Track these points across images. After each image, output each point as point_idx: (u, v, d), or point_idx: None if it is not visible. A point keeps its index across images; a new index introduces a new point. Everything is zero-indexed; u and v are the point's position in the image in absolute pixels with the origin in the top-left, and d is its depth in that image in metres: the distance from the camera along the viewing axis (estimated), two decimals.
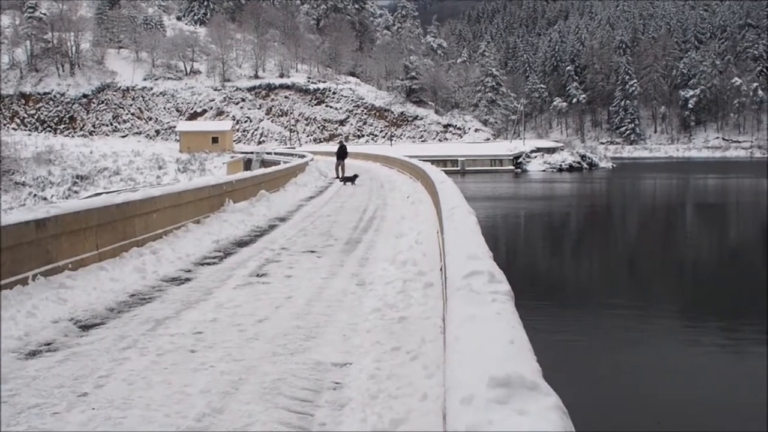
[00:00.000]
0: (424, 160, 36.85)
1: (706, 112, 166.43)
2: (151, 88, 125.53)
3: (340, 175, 34.55)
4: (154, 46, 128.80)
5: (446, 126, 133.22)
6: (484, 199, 52.80)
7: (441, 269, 8.83)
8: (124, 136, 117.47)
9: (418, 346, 6.84)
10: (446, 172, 22.86)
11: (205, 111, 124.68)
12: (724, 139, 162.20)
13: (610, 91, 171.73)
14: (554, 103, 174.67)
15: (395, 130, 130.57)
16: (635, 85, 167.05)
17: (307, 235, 15.59)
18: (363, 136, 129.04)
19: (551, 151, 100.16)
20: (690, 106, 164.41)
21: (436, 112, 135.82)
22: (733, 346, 16.64)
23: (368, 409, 5.53)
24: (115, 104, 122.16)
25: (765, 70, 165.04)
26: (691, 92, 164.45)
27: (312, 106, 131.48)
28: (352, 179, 32.11)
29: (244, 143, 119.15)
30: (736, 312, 20.18)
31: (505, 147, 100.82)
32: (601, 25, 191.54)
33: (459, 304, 4.54)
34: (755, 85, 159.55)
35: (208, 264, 12.05)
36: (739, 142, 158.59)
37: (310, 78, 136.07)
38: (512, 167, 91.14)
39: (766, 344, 16.72)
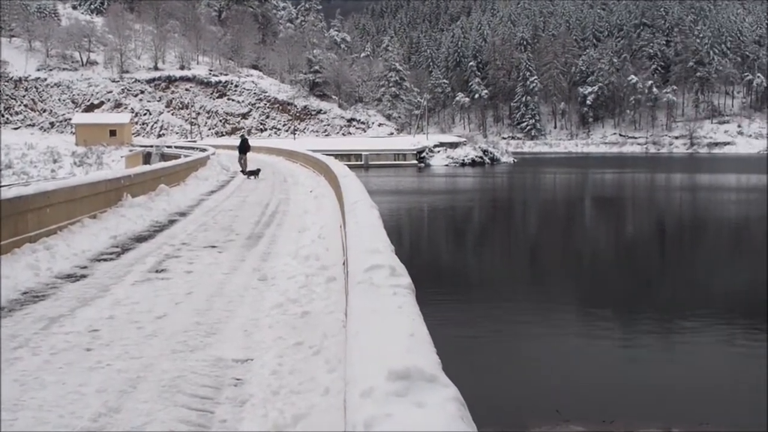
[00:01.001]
0: (327, 155, 36.78)
1: (603, 108, 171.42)
2: (45, 79, 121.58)
3: (243, 169, 34.38)
4: (48, 36, 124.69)
5: (350, 120, 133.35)
6: (387, 193, 53.08)
7: (343, 263, 8.82)
8: (16, 129, 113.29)
9: (321, 341, 6.81)
10: (350, 166, 22.84)
11: (102, 103, 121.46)
12: (620, 135, 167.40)
13: (512, 87, 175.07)
14: (457, 98, 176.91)
15: (298, 124, 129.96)
16: (536, 81, 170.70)
17: (208, 230, 15.34)
18: (266, 129, 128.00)
19: (454, 146, 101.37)
20: (588, 102, 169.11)
21: (340, 106, 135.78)
22: (628, 335, 17.18)
23: (270, 405, 5.48)
24: (7, 95, 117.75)
25: (659, 68, 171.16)
26: (590, 89, 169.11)
27: (214, 99, 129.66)
28: (255, 173, 31.87)
29: (144, 136, 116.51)
30: (631, 303, 20.85)
31: (409, 142, 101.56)
32: (502, 21, 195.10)
33: (360, 298, 4.54)
34: (650, 82, 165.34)
35: (105, 260, 11.72)
36: (635, 138, 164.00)
37: (211, 70, 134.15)
38: (415, 162, 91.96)
39: (658, 333, 17.33)
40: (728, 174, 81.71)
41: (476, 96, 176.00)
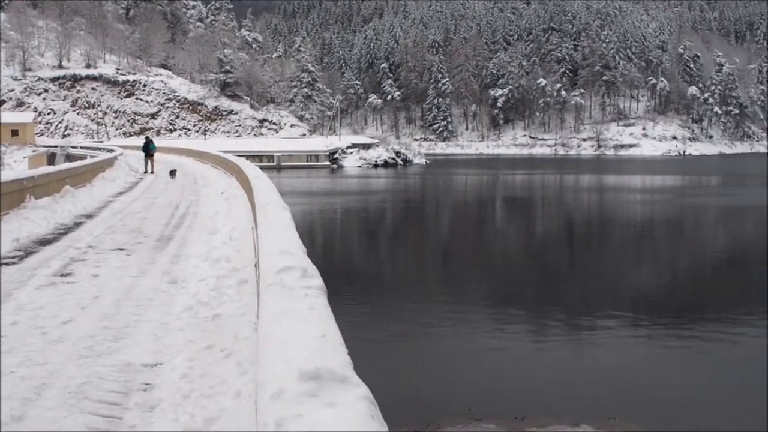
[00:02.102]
0: (239, 156, 36.50)
1: (514, 110, 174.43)
2: None
3: (148, 170, 34.48)
4: None
5: (262, 121, 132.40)
6: (300, 194, 52.91)
7: (255, 265, 8.77)
8: None
9: (232, 343, 6.76)
10: (262, 167, 22.71)
11: (3, 102, 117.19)
12: (530, 137, 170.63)
13: (424, 89, 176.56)
14: (369, 99, 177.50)
15: (209, 124, 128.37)
16: (447, 83, 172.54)
17: (115, 232, 14.99)
18: (176, 130, 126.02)
19: (367, 147, 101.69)
20: (499, 105, 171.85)
21: (252, 106, 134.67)
22: (539, 333, 17.52)
23: (180, 409, 5.40)
24: None
25: (568, 71, 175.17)
26: (500, 91, 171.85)
27: (121, 99, 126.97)
28: (172, 173, 32.06)
29: (48, 136, 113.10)
30: (541, 302, 21.29)
31: (321, 143, 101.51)
32: (414, 24, 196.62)
33: (271, 299, 4.53)
34: (559, 86, 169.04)
35: (7, 264, 11.34)
36: (545, 140, 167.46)
37: (119, 69, 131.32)
38: (328, 163, 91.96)
39: (567, 331, 17.74)
40: (633, 175, 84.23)
41: (389, 97, 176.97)
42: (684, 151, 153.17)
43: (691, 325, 17.90)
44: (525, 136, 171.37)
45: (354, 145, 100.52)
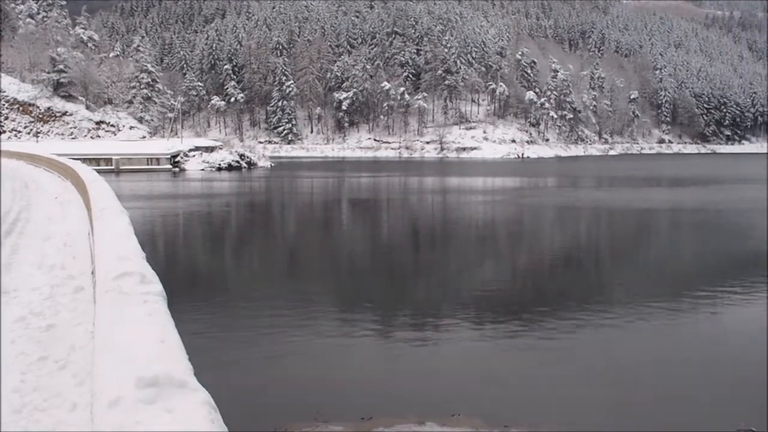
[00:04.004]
0: (74, 159, 35.14)
1: (358, 113, 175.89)
2: None
3: None
4: None
5: (99, 123, 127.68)
6: (140, 198, 51.47)
7: (92, 272, 8.47)
8: None
9: (68, 354, 6.51)
10: (99, 171, 21.98)
11: None
12: (375, 139, 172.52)
13: (268, 91, 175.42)
14: (212, 101, 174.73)
15: (42, 126, 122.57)
16: (292, 86, 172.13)
17: None
18: (4, 132, 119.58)
19: (210, 149, 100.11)
20: (344, 108, 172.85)
21: (88, 108, 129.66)
22: (385, 333, 17.73)
23: (12, 425, 5.15)
24: None
25: (411, 75, 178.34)
26: (345, 94, 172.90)
27: None
28: None
29: None
30: (387, 302, 21.56)
31: (163, 145, 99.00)
32: (258, 25, 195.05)
33: (109, 306, 4.40)
34: (402, 89, 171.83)
35: None
36: (389, 142, 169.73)
37: None
38: (170, 166, 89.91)
39: (413, 331, 18.06)
40: (475, 177, 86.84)
41: (232, 99, 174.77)
42: (523, 154, 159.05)
43: (531, 322, 18.61)
44: (370, 139, 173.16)
45: (197, 148, 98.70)
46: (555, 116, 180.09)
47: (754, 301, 21.18)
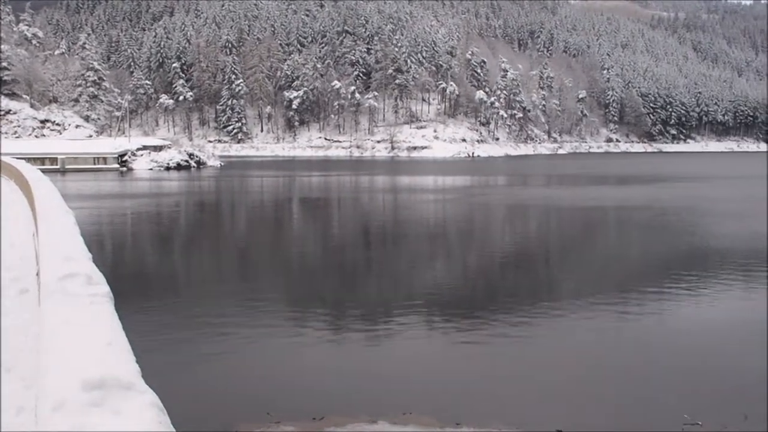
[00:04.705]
0: (18, 158, 34.49)
1: (309, 112, 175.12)
2: None
3: None
4: None
5: (44, 121, 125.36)
6: (86, 198, 50.76)
7: (37, 273, 8.33)
8: None
9: (14, 357, 6.39)
10: (44, 170, 21.61)
11: None
12: (326, 139, 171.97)
13: (218, 89, 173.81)
14: (161, 100, 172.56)
15: None
16: (242, 84, 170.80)
17: None
18: None
19: (158, 149, 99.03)
20: (294, 106, 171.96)
21: (32, 106, 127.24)
22: (337, 332, 17.73)
23: None
24: None
25: (361, 74, 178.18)
26: (295, 93, 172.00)
27: None
28: None
29: None
30: (338, 299, 21.56)
31: (110, 144, 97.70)
32: (207, 23, 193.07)
33: (54, 308, 4.34)
34: (353, 88, 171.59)
35: None
36: (340, 141, 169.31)
37: None
38: (117, 165, 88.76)
39: (365, 329, 18.08)
40: (426, 176, 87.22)
41: (181, 98, 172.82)
42: (473, 153, 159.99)
43: (482, 320, 18.75)
44: (320, 138, 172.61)
45: (145, 147, 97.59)
46: (505, 115, 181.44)
47: (696, 296, 21.61)
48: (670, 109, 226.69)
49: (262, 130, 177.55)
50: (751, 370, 14.75)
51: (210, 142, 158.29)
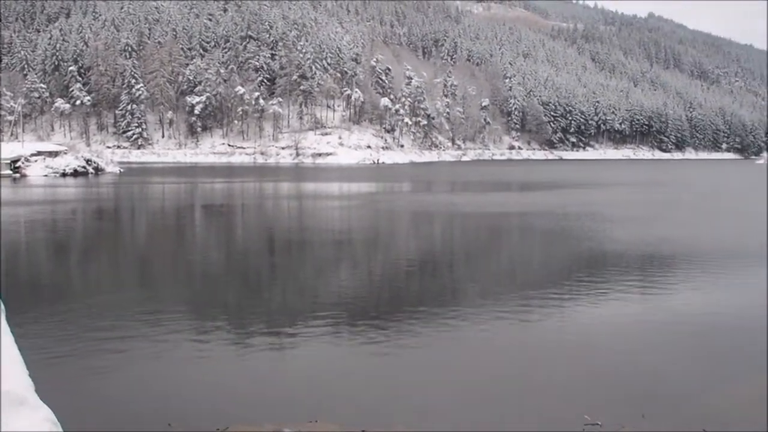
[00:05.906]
0: None
1: (212, 118, 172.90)
2: None
3: None
4: None
5: None
6: None
7: None
8: None
9: None
10: None
11: None
12: (229, 145, 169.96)
13: (117, 94, 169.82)
14: (56, 104, 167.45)
15: None
16: (142, 89, 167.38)
17: None
18: None
19: (54, 154, 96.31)
20: (197, 112, 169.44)
21: None
22: (241, 341, 17.44)
23: None
24: None
25: (266, 80, 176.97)
26: (198, 99, 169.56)
27: None
28: None
29: None
30: (241, 307, 21.23)
31: (2, 150, 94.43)
32: (105, 26, 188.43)
33: None
34: (257, 94, 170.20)
35: None
36: (244, 148, 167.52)
37: None
38: (10, 172, 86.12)
39: (270, 337, 17.85)
40: (331, 183, 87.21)
41: (78, 102, 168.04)
42: (378, 160, 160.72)
43: (387, 326, 18.74)
44: (224, 144, 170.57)
45: (39, 153, 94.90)
46: (409, 122, 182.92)
47: (595, 299, 22.14)
48: (570, 118, 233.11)
49: (163, 136, 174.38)
50: (649, 370, 15.18)
51: (109, 147, 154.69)
